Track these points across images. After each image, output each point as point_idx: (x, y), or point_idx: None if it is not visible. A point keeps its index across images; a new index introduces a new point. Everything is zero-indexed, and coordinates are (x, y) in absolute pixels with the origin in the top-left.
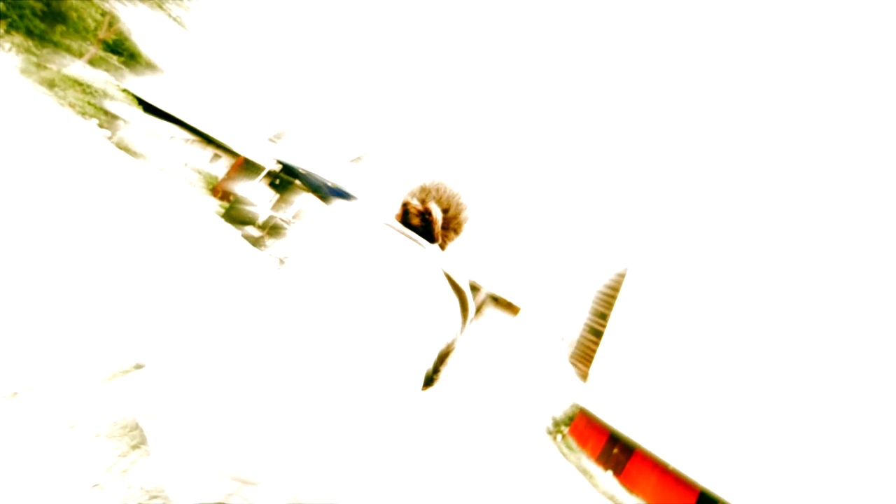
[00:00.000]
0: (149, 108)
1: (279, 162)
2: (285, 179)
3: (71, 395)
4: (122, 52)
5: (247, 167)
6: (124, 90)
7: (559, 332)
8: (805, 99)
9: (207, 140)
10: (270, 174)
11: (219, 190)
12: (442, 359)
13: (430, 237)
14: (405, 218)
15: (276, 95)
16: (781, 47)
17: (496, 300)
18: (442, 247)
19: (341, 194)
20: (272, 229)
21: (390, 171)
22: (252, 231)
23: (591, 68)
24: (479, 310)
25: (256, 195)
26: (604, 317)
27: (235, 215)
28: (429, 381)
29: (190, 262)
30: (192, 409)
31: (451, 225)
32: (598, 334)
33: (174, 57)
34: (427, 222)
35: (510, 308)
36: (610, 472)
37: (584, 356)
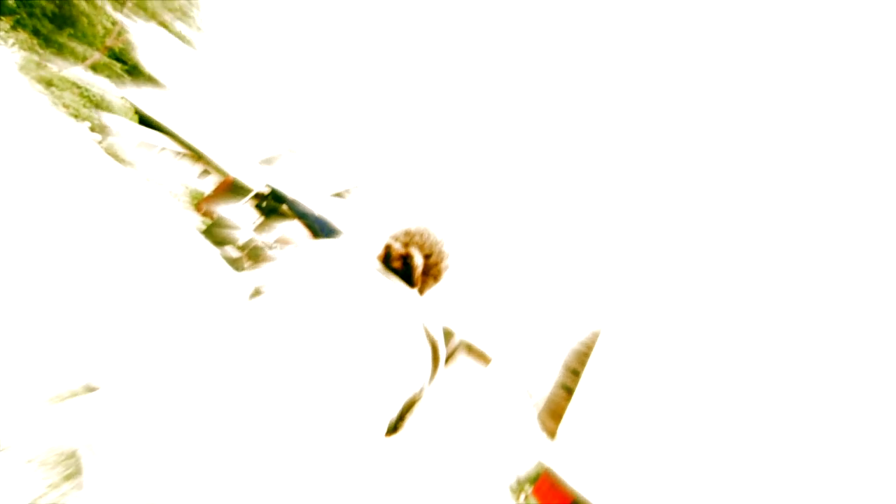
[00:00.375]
0: (144, 120)
1: (268, 186)
2: (272, 203)
3: (10, 414)
4: (126, 60)
5: (234, 187)
6: (123, 98)
7: (527, 388)
8: (774, 155)
9: (198, 156)
10: (258, 196)
11: (203, 206)
12: (408, 407)
13: (410, 281)
14: (387, 260)
15: (274, 120)
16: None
17: (469, 348)
18: (420, 292)
19: (327, 227)
20: (252, 252)
21: (377, 210)
22: (231, 251)
23: (566, 118)
24: (450, 356)
25: (241, 216)
26: (576, 373)
27: (216, 234)
28: (393, 428)
29: (161, 279)
30: (138, 444)
31: (432, 272)
32: (569, 391)
33: (178, 72)
34: (408, 266)
35: (482, 357)
36: None
37: (553, 413)
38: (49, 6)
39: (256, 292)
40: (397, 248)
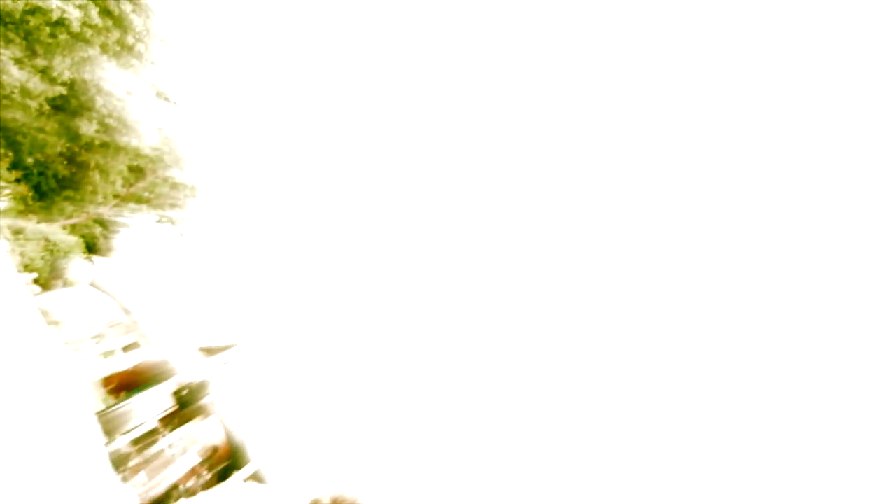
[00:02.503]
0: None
1: (203, 378)
2: (195, 395)
3: None
4: (108, 228)
5: (157, 370)
6: (85, 260)
7: None
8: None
9: (132, 327)
10: (181, 386)
11: (113, 381)
12: None
13: None
14: None
15: (229, 311)
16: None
17: None
18: None
19: (242, 448)
20: (147, 452)
21: (306, 443)
22: (122, 446)
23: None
24: None
25: (151, 403)
26: None
27: (111, 421)
28: None
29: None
30: None
31: None
32: None
33: (151, 253)
34: None
35: None
36: None
37: None
38: (63, 171)
39: None
40: None
